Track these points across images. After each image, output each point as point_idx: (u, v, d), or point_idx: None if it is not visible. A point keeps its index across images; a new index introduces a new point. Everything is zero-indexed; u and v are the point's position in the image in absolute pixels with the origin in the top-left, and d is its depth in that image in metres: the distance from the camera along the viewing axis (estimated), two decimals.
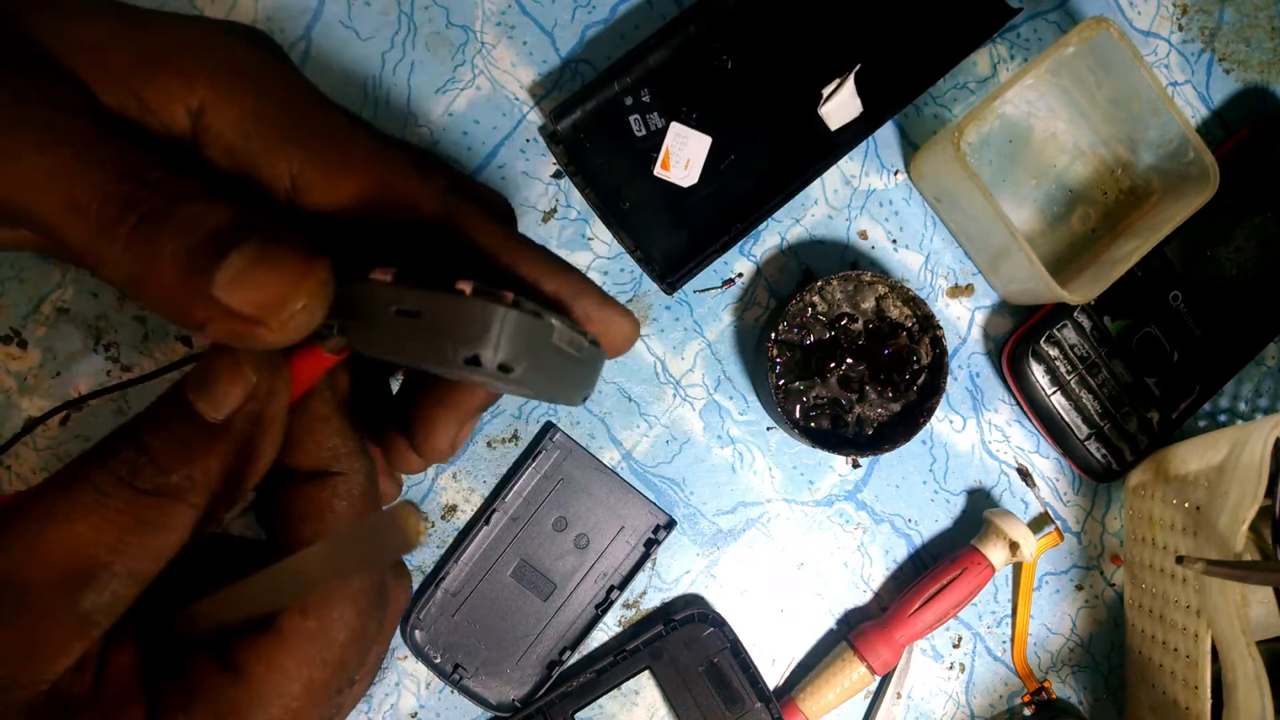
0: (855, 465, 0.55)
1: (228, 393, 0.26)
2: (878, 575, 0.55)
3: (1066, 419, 0.54)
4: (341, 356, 0.27)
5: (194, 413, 0.26)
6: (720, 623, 0.51)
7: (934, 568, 0.53)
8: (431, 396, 0.31)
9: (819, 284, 0.50)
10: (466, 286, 0.24)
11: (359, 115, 0.31)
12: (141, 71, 0.27)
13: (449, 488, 0.51)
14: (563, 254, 0.52)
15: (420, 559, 0.51)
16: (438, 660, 0.50)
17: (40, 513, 0.25)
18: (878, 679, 0.53)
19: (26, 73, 0.26)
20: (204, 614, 0.27)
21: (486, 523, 0.50)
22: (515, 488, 0.51)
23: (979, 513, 0.55)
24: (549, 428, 0.51)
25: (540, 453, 0.51)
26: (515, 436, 0.52)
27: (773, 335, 0.50)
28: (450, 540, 0.51)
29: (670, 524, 0.52)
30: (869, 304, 0.52)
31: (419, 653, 0.50)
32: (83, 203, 0.24)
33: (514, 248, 0.29)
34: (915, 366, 0.52)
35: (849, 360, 0.51)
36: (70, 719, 0.25)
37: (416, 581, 0.51)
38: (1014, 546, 0.52)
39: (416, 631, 0.50)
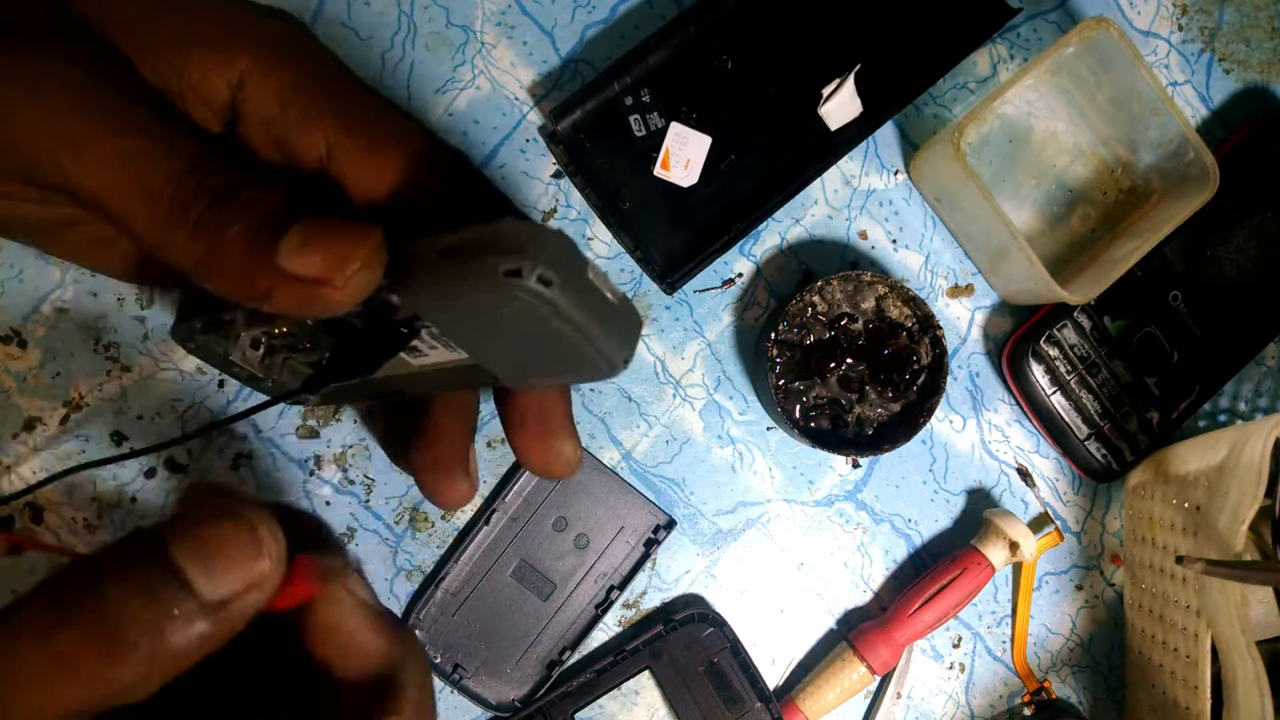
0: (855, 465, 0.55)
1: (237, 574, 0.22)
2: (878, 575, 0.55)
3: (1066, 419, 0.54)
4: (314, 596, 0.24)
5: (178, 580, 0.21)
6: (720, 623, 0.51)
7: (934, 568, 0.53)
8: (529, 422, 0.31)
9: (819, 284, 0.50)
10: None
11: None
12: (184, 48, 0.28)
13: None
14: None
15: (420, 559, 0.51)
16: (438, 660, 0.50)
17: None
18: (877, 679, 0.53)
19: (93, 54, 0.26)
20: None
21: (486, 523, 0.50)
22: (515, 488, 0.51)
23: (979, 513, 0.55)
24: None
25: None
26: None
27: (773, 335, 0.50)
28: (450, 540, 0.51)
29: (670, 524, 0.52)
30: (869, 304, 0.52)
31: None
32: (155, 189, 0.25)
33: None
34: (915, 366, 0.52)
35: (849, 360, 0.51)
36: None
37: (416, 582, 0.51)
38: (1014, 546, 0.52)
39: (416, 631, 0.50)
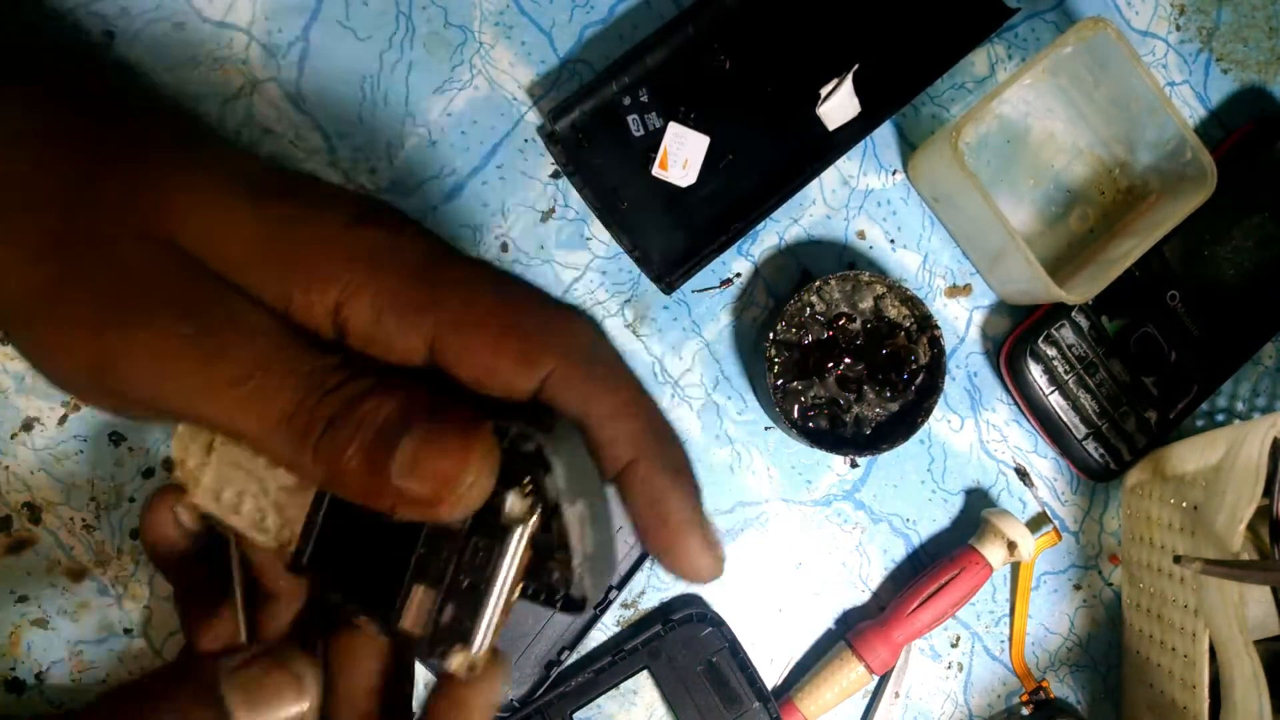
0: (853, 465, 0.55)
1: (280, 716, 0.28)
2: (876, 575, 0.55)
3: (1064, 419, 0.54)
4: None
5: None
6: (718, 622, 0.51)
7: (932, 567, 0.53)
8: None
9: (817, 284, 0.50)
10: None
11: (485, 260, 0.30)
12: (294, 276, 0.27)
13: None
14: (561, 254, 0.52)
15: None
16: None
17: None
18: (876, 678, 0.53)
19: (211, 294, 0.26)
20: None
21: None
22: None
23: (977, 512, 0.55)
24: None
25: None
26: None
27: (771, 335, 0.50)
28: None
29: None
30: (867, 304, 0.52)
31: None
32: (275, 423, 0.25)
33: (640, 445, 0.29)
34: (913, 366, 0.52)
35: (847, 360, 0.51)
36: None
37: None
38: (1012, 546, 0.53)
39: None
